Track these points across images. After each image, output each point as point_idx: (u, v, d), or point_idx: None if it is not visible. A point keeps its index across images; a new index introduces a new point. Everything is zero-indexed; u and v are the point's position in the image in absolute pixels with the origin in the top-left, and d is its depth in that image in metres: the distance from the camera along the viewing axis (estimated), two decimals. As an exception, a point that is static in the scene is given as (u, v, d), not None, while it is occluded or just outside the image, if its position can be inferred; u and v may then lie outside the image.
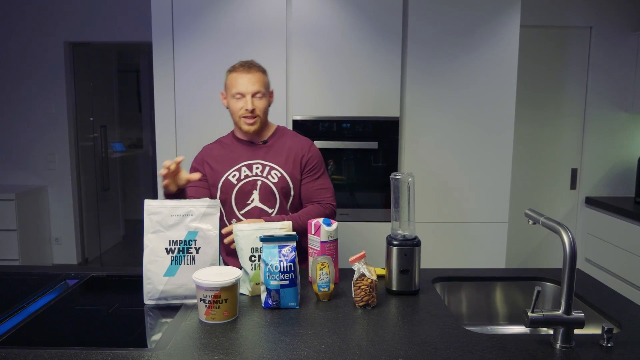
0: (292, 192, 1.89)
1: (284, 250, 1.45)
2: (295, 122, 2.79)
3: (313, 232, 1.63)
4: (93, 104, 4.72)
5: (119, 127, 5.69)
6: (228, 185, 1.86)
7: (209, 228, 1.50)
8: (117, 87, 5.52)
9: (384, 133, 2.79)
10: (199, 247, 1.49)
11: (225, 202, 1.88)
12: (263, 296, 1.45)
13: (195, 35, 2.75)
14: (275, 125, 1.98)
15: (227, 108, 1.90)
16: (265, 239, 1.46)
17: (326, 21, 2.74)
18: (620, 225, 3.14)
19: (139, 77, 6.00)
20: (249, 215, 1.86)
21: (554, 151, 3.54)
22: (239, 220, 1.85)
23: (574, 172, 3.56)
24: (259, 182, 1.85)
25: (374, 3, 2.73)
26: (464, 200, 2.87)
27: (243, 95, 1.82)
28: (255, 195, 1.85)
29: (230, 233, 1.64)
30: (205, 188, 1.90)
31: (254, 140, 1.92)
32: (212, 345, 1.22)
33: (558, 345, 1.22)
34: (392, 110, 2.78)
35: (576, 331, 1.34)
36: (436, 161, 2.84)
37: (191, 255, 1.49)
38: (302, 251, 1.76)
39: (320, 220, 1.62)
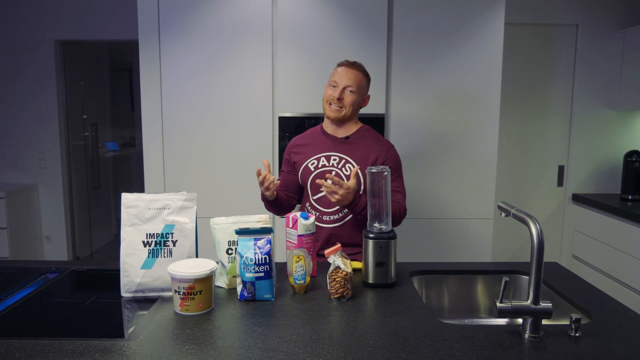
0: (362, 188, 1.96)
1: (259, 243, 1.46)
2: (281, 118, 2.80)
3: (291, 225, 1.64)
4: (84, 102, 4.72)
5: (111, 126, 5.70)
6: (306, 171, 2.02)
7: (186, 221, 1.52)
8: (109, 85, 5.53)
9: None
10: (176, 240, 1.51)
11: (304, 187, 2.04)
12: (239, 288, 1.47)
13: (182, 34, 2.76)
14: (360, 124, 2.08)
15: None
16: (241, 232, 1.48)
17: (312, 19, 2.76)
18: (606, 222, 3.16)
19: (131, 75, 6.01)
20: (321, 201, 2.00)
21: (542, 148, 3.57)
22: (312, 205, 2.02)
23: (560, 169, 3.58)
24: (333, 173, 1.97)
25: (360, 1, 2.74)
26: (450, 197, 2.88)
27: (337, 85, 1.96)
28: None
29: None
30: (293, 174, 2.07)
31: (337, 134, 2.03)
32: (185, 335, 1.23)
33: (526, 335, 1.24)
34: (378, 107, 2.79)
35: (547, 321, 1.36)
36: (421, 158, 2.86)
37: (168, 248, 1.50)
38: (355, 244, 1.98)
39: (298, 213, 1.64)
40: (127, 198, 1.51)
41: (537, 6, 3.41)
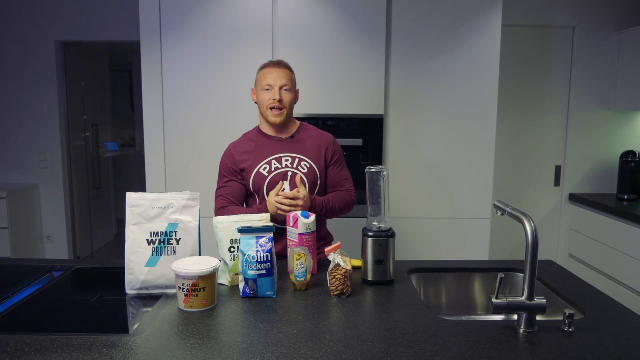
0: (318, 182, 2.02)
1: (261, 241, 1.49)
2: (281, 119, 2.83)
3: (291, 224, 1.68)
4: (85, 103, 4.75)
5: (111, 126, 5.72)
6: (259, 177, 1.97)
7: (189, 220, 1.55)
8: (109, 86, 5.56)
9: (369, 130, 2.84)
10: (179, 239, 1.54)
11: (258, 193, 2.00)
12: (241, 285, 1.50)
13: (183, 35, 2.79)
14: (299, 122, 2.10)
15: (256, 103, 2.04)
16: (243, 230, 1.51)
17: (311, 20, 2.79)
18: (603, 221, 3.20)
19: (131, 76, 6.04)
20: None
21: (539, 148, 3.60)
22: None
23: (557, 169, 3.62)
24: (289, 173, 1.97)
25: (359, 2, 2.78)
26: (448, 196, 2.92)
27: (272, 87, 1.95)
28: (286, 185, 1.97)
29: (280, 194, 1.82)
30: (240, 183, 2.01)
31: (281, 135, 2.03)
32: (189, 330, 1.27)
33: (521, 330, 1.27)
34: (377, 108, 2.83)
35: (541, 317, 1.40)
36: (420, 158, 2.89)
37: (172, 246, 1.53)
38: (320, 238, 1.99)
39: (299, 212, 1.67)
40: (131, 197, 1.54)
41: (534, 8, 3.45)
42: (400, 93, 2.85)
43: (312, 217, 1.68)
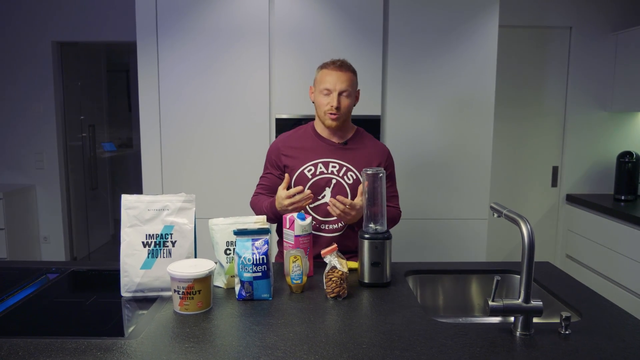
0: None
1: (257, 243, 1.49)
2: (278, 120, 2.83)
3: (288, 226, 1.67)
4: (82, 103, 4.74)
5: (108, 127, 5.71)
6: (302, 178, 1.93)
7: (185, 222, 1.54)
8: (106, 86, 5.54)
9: (366, 131, 2.83)
10: (175, 241, 1.53)
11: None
12: (237, 288, 1.49)
13: (180, 35, 2.78)
14: (355, 127, 2.03)
15: (313, 102, 1.96)
16: (239, 232, 1.50)
17: (308, 21, 2.79)
18: (600, 222, 3.20)
19: (128, 76, 6.02)
20: (318, 209, 1.94)
21: (536, 149, 3.61)
22: (308, 212, 1.92)
23: (554, 170, 3.62)
24: (334, 181, 1.92)
25: (355, 3, 2.77)
26: (445, 197, 2.92)
27: (330, 92, 1.87)
28: (328, 192, 1.93)
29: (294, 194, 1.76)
30: (278, 177, 1.97)
31: (334, 139, 1.97)
32: (184, 334, 1.26)
33: (518, 333, 1.27)
34: (374, 109, 2.83)
35: (538, 319, 1.39)
36: (416, 159, 2.89)
37: (167, 248, 1.53)
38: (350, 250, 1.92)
39: (295, 214, 1.66)
40: (126, 199, 1.54)
41: (531, 9, 3.45)
42: (397, 94, 2.85)
43: (309, 219, 1.67)
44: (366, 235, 1.60)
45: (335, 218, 1.92)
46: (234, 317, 1.37)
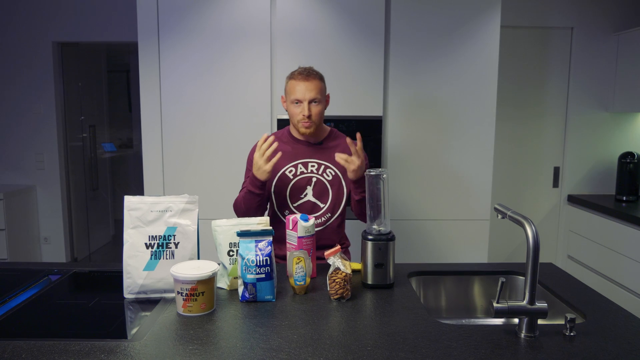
0: (344, 191, 2.03)
1: (260, 245, 1.48)
2: (279, 121, 2.82)
3: (291, 227, 1.67)
4: (82, 104, 4.73)
5: (108, 127, 5.70)
6: (284, 179, 2.01)
7: (188, 223, 1.54)
8: (106, 87, 5.54)
9: (368, 132, 2.83)
10: (178, 242, 1.53)
11: (279, 194, 2.02)
12: (240, 289, 1.49)
13: (181, 36, 2.78)
14: (329, 128, 2.11)
15: (287, 111, 2.03)
16: (242, 234, 1.50)
17: (310, 22, 2.78)
18: (601, 222, 3.19)
19: (128, 77, 6.03)
20: (302, 207, 2.02)
21: (537, 150, 3.60)
22: (291, 211, 2.01)
23: (556, 171, 3.62)
24: (314, 179, 2.01)
25: (357, 4, 2.77)
26: (447, 198, 2.91)
27: (301, 102, 1.94)
28: (309, 190, 2.01)
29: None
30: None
31: (311, 140, 2.04)
32: (188, 336, 1.26)
33: (522, 335, 1.27)
34: (376, 109, 2.82)
35: (542, 321, 1.39)
36: (419, 159, 2.89)
37: (170, 250, 1.52)
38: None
39: (298, 216, 1.66)
40: (129, 201, 1.53)
41: (532, 9, 3.45)
42: (399, 95, 2.85)
43: (312, 220, 1.67)
44: (369, 237, 1.60)
45: (318, 214, 2.02)
46: (237, 318, 1.37)
